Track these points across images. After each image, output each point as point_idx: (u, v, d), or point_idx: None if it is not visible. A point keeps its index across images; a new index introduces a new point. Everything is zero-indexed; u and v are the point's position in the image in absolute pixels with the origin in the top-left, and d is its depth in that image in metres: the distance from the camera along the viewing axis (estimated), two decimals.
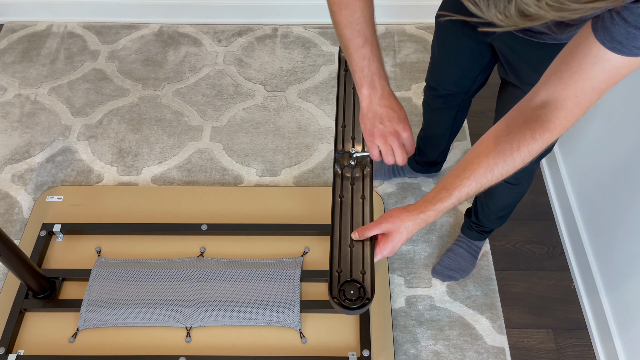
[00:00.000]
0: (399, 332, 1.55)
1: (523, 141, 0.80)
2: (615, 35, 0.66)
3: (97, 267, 1.58)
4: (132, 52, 2.26)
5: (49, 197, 1.77)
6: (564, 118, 0.77)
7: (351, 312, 0.90)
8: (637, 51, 0.67)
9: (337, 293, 0.91)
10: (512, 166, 0.82)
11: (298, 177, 1.88)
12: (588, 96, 0.74)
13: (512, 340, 1.54)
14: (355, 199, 1.02)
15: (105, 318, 1.50)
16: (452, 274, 1.62)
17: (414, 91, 2.11)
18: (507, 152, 0.81)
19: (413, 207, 0.89)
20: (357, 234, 0.94)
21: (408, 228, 0.89)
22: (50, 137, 1.98)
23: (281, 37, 2.31)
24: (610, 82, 0.72)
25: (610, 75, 0.71)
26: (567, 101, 0.75)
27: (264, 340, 1.49)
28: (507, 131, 0.82)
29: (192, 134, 1.99)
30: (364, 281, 0.92)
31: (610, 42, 0.67)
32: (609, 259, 1.50)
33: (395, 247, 0.91)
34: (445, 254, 1.65)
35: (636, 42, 0.66)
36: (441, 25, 1.26)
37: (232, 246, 1.66)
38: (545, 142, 0.79)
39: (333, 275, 0.93)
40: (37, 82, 2.14)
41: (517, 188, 1.37)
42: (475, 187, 0.85)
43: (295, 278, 1.56)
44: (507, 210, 1.49)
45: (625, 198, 1.42)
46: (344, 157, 1.07)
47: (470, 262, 1.63)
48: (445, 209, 0.87)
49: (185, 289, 1.54)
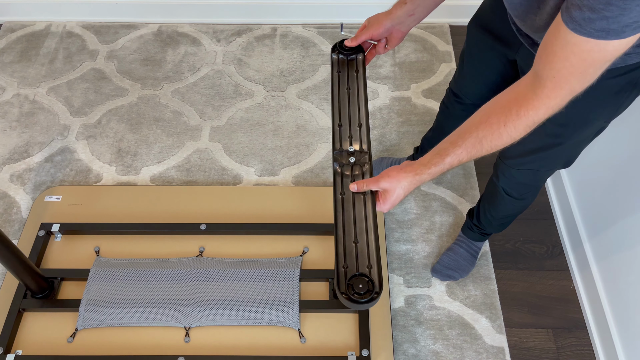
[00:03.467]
0: (398, 332, 1.55)
1: (509, 117, 0.82)
2: (575, 16, 0.67)
3: (95, 267, 1.58)
4: (131, 51, 2.25)
5: (48, 196, 1.77)
6: (546, 97, 0.78)
7: (361, 306, 0.90)
8: (597, 34, 0.66)
9: (346, 288, 0.90)
10: (499, 140, 0.85)
11: (297, 177, 1.88)
12: (565, 78, 0.74)
13: (511, 340, 1.54)
14: (356, 196, 1.02)
15: (103, 318, 1.49)
16: (451, 274, 1.62)
17: (413, 91, 2.11)
18: (495, 127, 0.84)
19: (410, 168, 0.95)
20: (355, 186, 1.00)
21: (404, 187, 0.96)
22: (49, 136, 1.97)
23: (280, 37, 2.31)
24: (585, 66, 0.72)
25: (582, 59, 0.71)
26: (547, 81, 0.76)
27: (263, 340, 1.49)
28: (498, 106, 0.85)
29: (191, 134, 1.99)
30: (371, 275, 0.92)
31: (571, 23, 0.68)
32: (609, 258, 1.49)
33: (393, 204, 0.98)
34: (445, 254, 1.65)
35: (593, 24, 0.65)
36: (472, 34, 1.26)
37: (231, 246, 1.65)
38: (530, 120, 0.81)
39: (340, 272, 0.93)
40: (36, 82, 2.14)
41: (520, 202, 1.36)
42: (466, 156, 0.89)
43: (295, 278, 1.56)
44: (509, 219, 1.50)
45: (625, 197, 1.42)
46: (342, 155, 1.07)
47: (470, 262, 1.63)
48: (438, 172, 0.93)
49: (184, 288, 1.54)
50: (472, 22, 1.24)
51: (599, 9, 0.64)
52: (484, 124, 0.86)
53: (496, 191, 1.36)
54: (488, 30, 1.18)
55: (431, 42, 2.28)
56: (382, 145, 1.95)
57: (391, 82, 2.14)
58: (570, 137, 1.08)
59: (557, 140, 1.09)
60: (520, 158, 1.19)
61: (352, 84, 1.18)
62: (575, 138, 1.09)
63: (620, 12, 0.63)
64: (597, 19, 0.65)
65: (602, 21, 0.65)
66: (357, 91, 1.17)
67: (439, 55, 2.24)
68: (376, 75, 2.16)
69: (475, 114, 0.90)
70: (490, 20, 1.17)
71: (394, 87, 2.13)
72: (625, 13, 0.63)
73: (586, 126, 1.05)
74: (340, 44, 1.21)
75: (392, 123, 2.01)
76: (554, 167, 1.20)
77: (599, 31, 0.66)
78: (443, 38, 2.30)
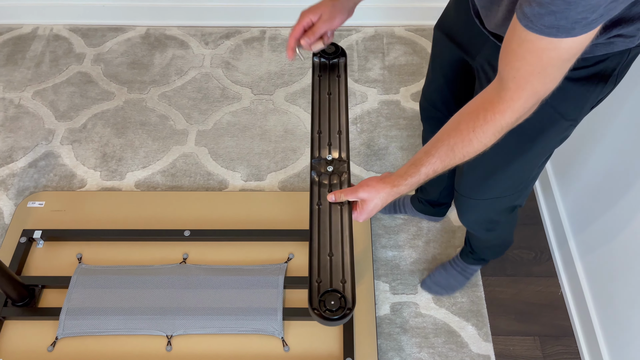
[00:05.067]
0: (383, 340, 1.53)
1: (477, 122, 0.81)
2: (526, 12, 0.65)
3: (77, 274, 1.56)
4: (118, 54, 2.23)
5: (31, 202, 1.75)
6: (510, 99, 0.76)
7: (332, 323, 0.88)
8: (548, 30, 0.65)
9: (318, 304, 0.89)
10: (470, 147, 0.84)
11: (284, 182, 1.86)
12: (525, 78, 0.72)
13: (497, 347, 1.52)
14: (333, 207, 1.00)
15: (84, 326, 1.47)
16: (439, 291, 1.61)
17: (402, 94, 2.09)
18: (465, 133, 0.83)
19: (389, 180, 0.94)
20: (333, 196, 0.99)
21: (382, 198, 0.95)
22: (33, 141, 1.95)
23: (269, 40, 2.29)
24: (542, 65, 0.70)
25: (538, 57, 0.69)
26: (509, 82, 0.74)
27: (246, 348, 1.47)
28: (467, 112, 0.84)
29: (177, 138, 1.97)
30: (344, 290, 0.90)
31: (524, 20, 0.66)
32: (597, 265, 1.48)
33: (370, 214, 0.97)
34: (438, 270, 1.62)
35: (542, 20, 0.64)
36: (435, 37, 1.22)
37: (215, 252, 1.63)
38: (498, 124, 0.79)
39: (313, 286, 0.91)
40: (22, 86, 2.12)
41: (495, 234, 1.36)
42: (441, 165, 0.88)
43: (279, 285, 1.54)
44: (498, 248, 1.49)
45: (613, 202, 1.40)
46: (320, 163, 1.05)
47: (460, 282, 1.61)
48: (416, 183, 0.92)
49: (166, 296, 1.52)
50: (436, 25, 1.20)
51: (546, 4, 0.62)
52: (454, 131, 0.85)
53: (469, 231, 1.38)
54: (450, 35, 1.14)
55: (421, 45, 2.26)
56: (370, 150, 1.93)
57: (380, 85, 2.12)
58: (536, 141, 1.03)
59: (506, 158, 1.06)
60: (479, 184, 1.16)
61: (333, 88, 1.16)
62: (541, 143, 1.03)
63: (567, 7, 0.61)
64: (546, 14, 0.63)
65: (550, 16, 0.63)
66: (337, 96, 1.15)
67: (429, 58, 2.21)
68: (365, 78, 2.15)
69: (448, 122, 0.89)
70: (454, 24, 1.13)
71: (383, 91, 2.11)
72: (572, 7, 0.61)
73: (552, 126, 0.99)
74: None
75: (380, 127, 1.99)
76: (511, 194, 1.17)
77: (549, 28, 0.64)
78: None
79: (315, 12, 1.06)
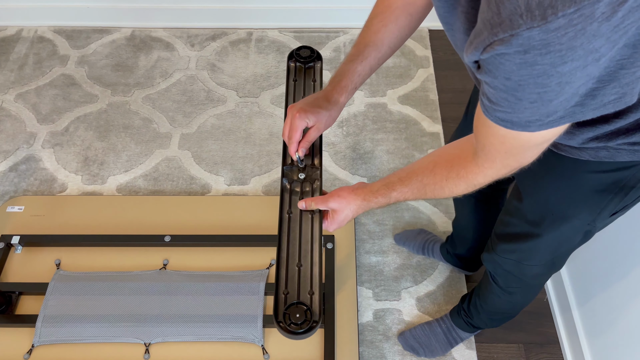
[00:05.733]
0: (365, 348, 1.50)
1: (451, 174, 0.80)
2: (482, 101, 0.61)
3: (54, 280, 1.53)
4: (102, 56, 2.21)
5: (10, 207, 1.72)
6: (482, 166, 0.73)
7: (297, 337, 0.86)
8: (503, 123, 0.60)
9: (283, 317, 0.86)
10: (440, 192, 0.83)
11: (268, 186, 1.83)
12: (492, 155, 0.69)
13: (481, 355, 1.49)
14: (304, 215, 0.98)
15: (61, 334, 1.45)
16: (417, 348, 1.48)
17: (389, 97, 2.07)
18: (438, 178, 0.82)
19: (361, 192, 0.93)
20: (303, 203, 0.96)
21: (352, 210, 0.94)
22: (14, 144, 1.93)
23: (256, 42, 2.27)
24: (507, 149, 0.65)
25: (501, 142, 0.65)
26: (480, 152, 0.72)
27: (225, 356, 1.44)
28: (446, 158, 0.82)
29: (161, 142, 1.94)
30: (311, 303, 0.88)
31: (482, 106, 0.62)
32: (581, 272, 1.45)
33: (340, 224, 0.95)
34: (421, 325, 1.51)
35: (495, 113, 0.59)
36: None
37: (196, 258, 1.61)
38: (470, 182, 0.77)
39: (279, 298, 0.89)
40: (4, 88, 2.09)
41: (509, 297, 1.21)
42: (412, 196, 0.88)
43: (260, 291, 1.51)
44: (499, 315, 1.34)
45: None
46: (292, 170, 1.03)
47: (443, 346, 1.47)
48: (384, 203, 0.91)
49: (145, 303, 1.49)
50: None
51: (493, 102, 0.58)
52: (429, 172, 0.83)
53: (486, 276, 1.25)
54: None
55: (409, 47, 2.24)
56: (356, 153, 1.90)
57: (367, 87, 2.10)
58: (547, 230, 0.96)
59: (535, 229, 0.98)
60: (503, 243, 1.08)
61: (308, 93, 1.14)
62: (554, 234, 0.97)
63: (512, 110, 0.57)
64: (496, 110, 0.59)
65: (501, 113, 0.59)
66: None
67: (417, 61, 2.19)
68: None
69: (427, 156, 0.87)
70: None
71: (370, 93, 2.08)
72: (518, 112, 0.57)
73: (564, 222, 0.94)
74: (297, 50, 1.17)
75: (366, 130, 1.97)
76: (535, 263, 1.07)
77: (503, 121, 0.59)
78: (421, 42, 2.26)
79: (312, 118, 0.95)
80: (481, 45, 0.52)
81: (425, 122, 1.99)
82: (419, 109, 2.03)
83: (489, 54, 0.52)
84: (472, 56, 0.55)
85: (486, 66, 0.54)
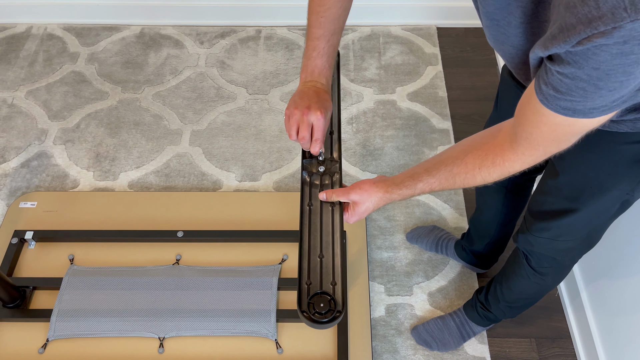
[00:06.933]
0: (378, 342, 1.51)
1: (485, 162, 0.81)
2: (542, 90, 0.63)
3: (68, 275, 1.54)
4: (112, 54, 2.22)
5: (23, 203, 1.73)
6: (522, 154, 0.75)
7: (321, 326, 0.87)
8: (564, 111, 0.63)
9: (307, 307, 0.87)
10: (472, 180, 0.83)
11: (278, 182, 1.84)
12: (537, 142, 0.71)
13: (493, 350, 1.50)
14: (324, 207, 0.99)
15: (75, 328, 1.46)
16: (430, 342, 1.49)
17: (398, 94, 2.08)
18: (470, 167, 0.82)
19: (383, 185, 0.93)
20: (324, 195, 0.97)
21: (374, 202, 0.94)
22: (26, 141, 1.93)
23: (264, 39, 2.27)
24: (556, 136, 0.68)
25: (552, 130, 0.67)
26: (522, 140, 0.73)
27: (239, 350, 1.45)
28: (479, 146, 0.83)
29: (171, 138, 1.95)
30: (334, 293, 0.89)
31: (540, 95, 0.64)
32: (592, 266, 1.46)
33: (361, 216, 0.96)
34: (434, 320, 1.51)
35: (558, 101, 0.62)
36: (502, 78, 1.15)
37: (208, 253, 1.62)
38: (505, 170, 0.79)
39: (302, 288, 0.89)
40: (15, 85, 2.10)
41: (540, 279, 1.20)
42: (439, 186, 0.88)
43: (273, 286, 1.52)
44: (522, 302, 1.33)
45: None
46: (312, 164, 1.04)
47: (456, 340, 1.48)
48: (409, 195, 0.92)
49: (159, 297, 1.50)
50: (504, 66, 1.14)
51: (563, 92, 0.60)
52: (460, 161, 0.84)
53: (514, 260, 1.24)
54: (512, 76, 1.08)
55: (417, 45, 2.25)
56: (366, 150, 1.91)
57: (376, 85, 2.11)
58: (586, 203, 0.97)
59: (573, 204, 0.99)
60: (539, 222, 1.08)
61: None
62: (592, 206, 0.98)
63: (583, 99, 0.60)
64: (562, 99, 0.61)
65: (566, 102, 0.61)
66: (331, 95, 1.13)
67: (426, 58, 2.20)
68: (361, 78, 2.13)
69: (455, 146, 0.88)
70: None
71: (379, 90, 2.09)
72: (589, 101, 0.60)
73: (603, 194, 0.95)
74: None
75: (376, 127, 1.98)
76: (572, 240, 1.07)
77: (564, 109, 0.62)
78: (430, 40, 2.27)
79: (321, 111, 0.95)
80: (575, 39, 0.54)
81: (435, 119, 1.99)
82: (428, 106, 2.04)
83: (585, 46, 0.54)
84: (556, 49, 0.57)
85: (572, 58, 0.56)
